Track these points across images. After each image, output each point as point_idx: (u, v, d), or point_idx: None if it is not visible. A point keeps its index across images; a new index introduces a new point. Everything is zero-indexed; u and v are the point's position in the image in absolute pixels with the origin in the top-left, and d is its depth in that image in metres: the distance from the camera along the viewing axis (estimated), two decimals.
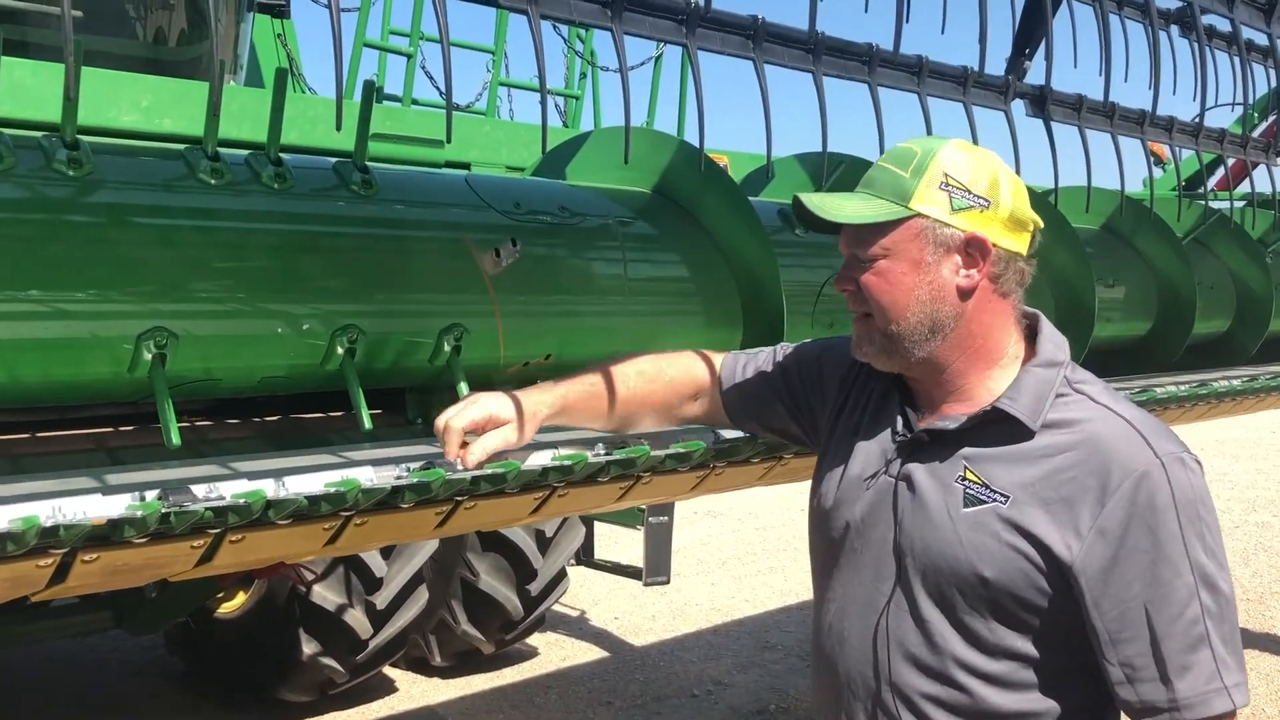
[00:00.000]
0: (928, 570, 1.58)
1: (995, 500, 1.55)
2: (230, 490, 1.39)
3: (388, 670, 5.24)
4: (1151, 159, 3.51)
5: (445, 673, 5.44)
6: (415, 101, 4.94)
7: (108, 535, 1.27)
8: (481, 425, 1.71)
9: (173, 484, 1.39)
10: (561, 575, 5.35)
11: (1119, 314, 3.91)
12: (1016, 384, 1.58)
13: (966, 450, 1.59)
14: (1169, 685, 1.48)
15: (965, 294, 1.58)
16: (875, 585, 1.64)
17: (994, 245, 1.57)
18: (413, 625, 4.94)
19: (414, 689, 5.34)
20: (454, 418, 1.70)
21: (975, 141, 2.63)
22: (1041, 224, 1.66)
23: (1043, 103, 2.72)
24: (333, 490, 1.46)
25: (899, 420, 1.68)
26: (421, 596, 4.90)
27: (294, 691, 4.85)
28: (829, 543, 1.73)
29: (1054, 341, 1.63)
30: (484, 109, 5.40)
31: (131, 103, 2.57)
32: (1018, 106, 2.72)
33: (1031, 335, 1.65)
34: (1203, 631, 1.48)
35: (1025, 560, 1.52)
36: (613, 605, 6.63)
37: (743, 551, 7.98)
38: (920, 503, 1.61)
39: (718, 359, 1.97)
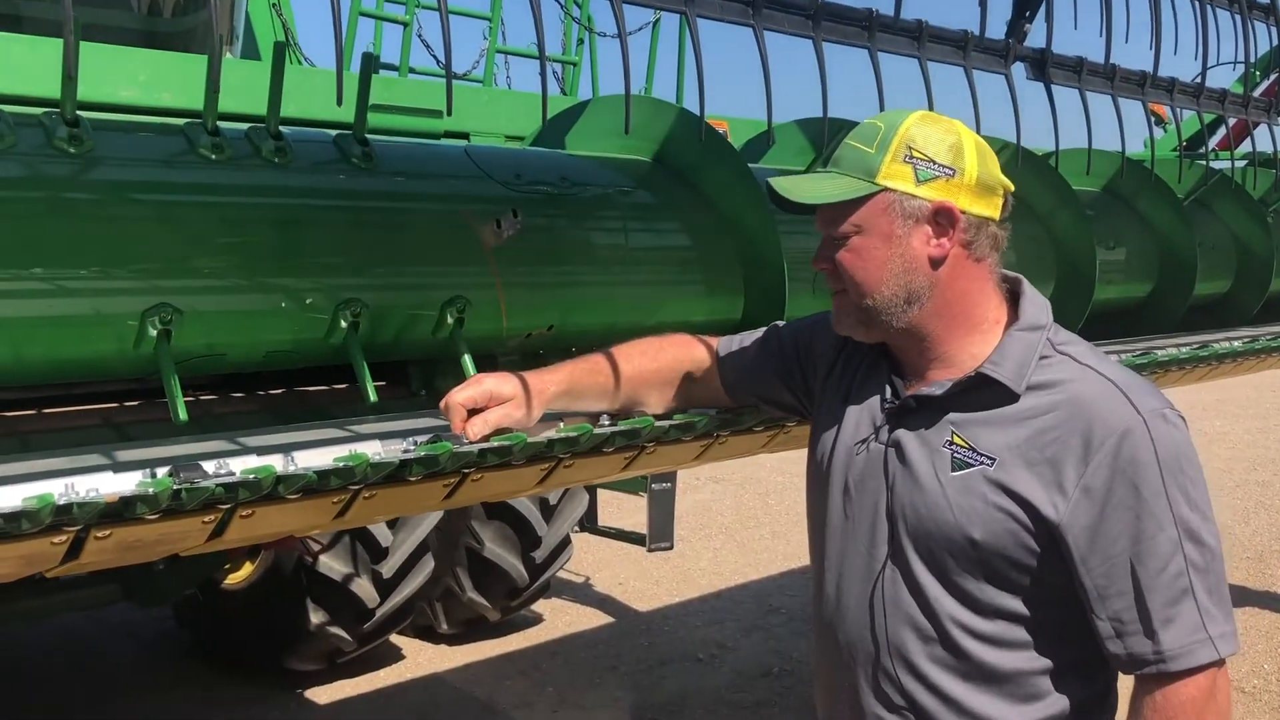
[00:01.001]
0: (919, 535, 1.61)
1: (982, 463, 1.57)
2: (240, 466, 1.41)
3: (395, 638, 5.29)
4: (1152, 119, 3.50)
5: (452, 640, 5.49)
6: (412, 70, 4.92)
7: (120, 512, 1.29)
8: (483, 402, 1.75)
9: (183, 460, 1.40)
10: (566, 542, 5.38)
11: (1120, 276, 3.91)
12: (1000, 348, 1.61)
13: (953, 415, 1.62)
14: (1154, 638, 1.51)
15: (937, 263, 1.60)
16: (870, 551, 1.67)
17: (962, 213, 1.59)
18: (419, 593, 4.98)
19: (421, 656, 5.39)
20: (454, 394, 1.75)
21: (976, 106, 2.64)
22: (1012, 187, 1.67)
23: (1043, 66, 2.71)
24: (341, 465, 1.47)
25: (887, 388, 1.71)
26: (427, 565, 4.93)
27: (302, 661, 4.89)
28: (824, 509, 1.76)
29: (1036, 304, 1.65)
30: (481, 77, 5.37)
31: (130, 77, 2.55)
32: (1018, 70, 2.70)
33: (1014, 299, 1.68)
34: (1187, 585, 1.51)
35: (1013, 521, 1.55)
36: (617, 571, 6.67)
37: (746, 516, 8.03)
38: (910, 468, 1.64)
39: (715, 340, 2.00)
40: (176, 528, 1.37)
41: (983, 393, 1.60)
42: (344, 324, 2.03)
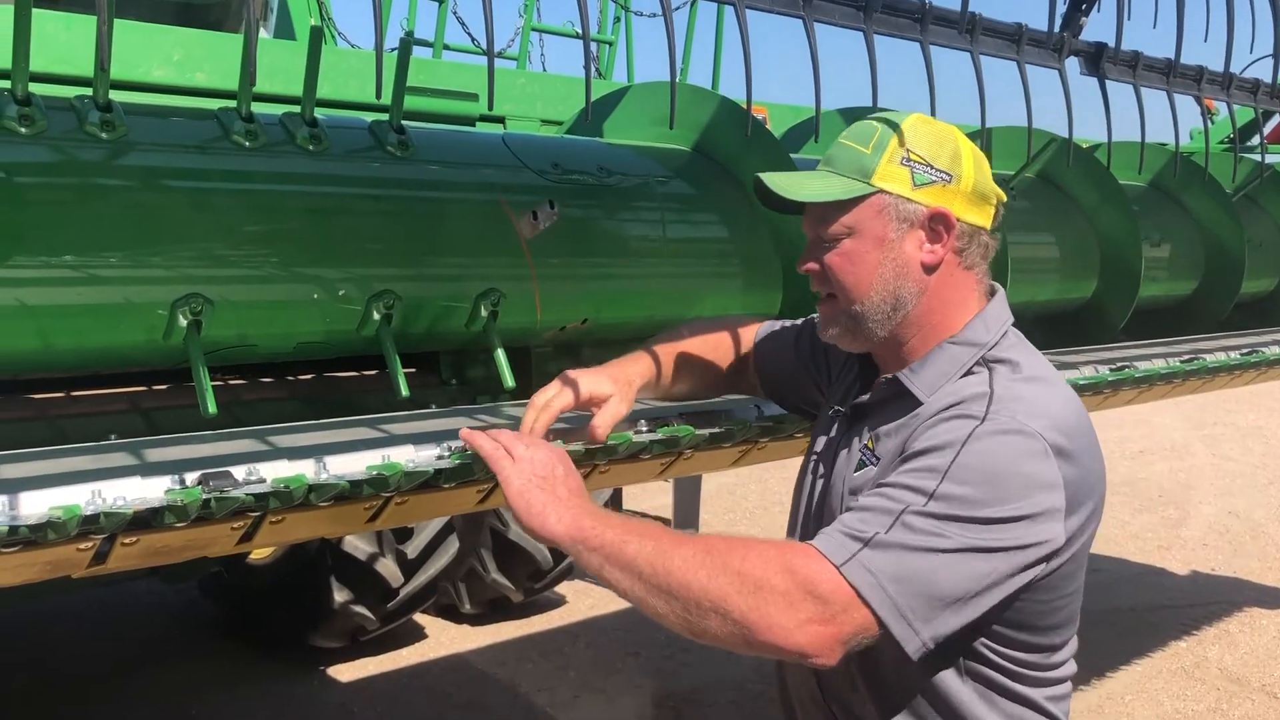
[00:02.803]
0: None
1: (870, 464, 1.56)
2: (271, 474, 1.37)
3: (418, 617, 5.29)
4: (1207, 113, 3.41)
5: (475, 620, 5.48)
6: (446, 47, 4.86)
7: (148, 521, 1.25)
8: (584, 405, 1.70)
9: (212, 467, 1.36)
10: None
11: (1164, 273, 3.83)
12: (924, 358, 1.57)
13: (873, 421, 1.60)
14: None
15: (929, 269, 1.56)
16: None
17: (958, 220, 1.55)
18: (443, 574, 4.97)
19: (444, 636, 5.38)
20: (553, 398, 1.68)
21: (1028, 100, 2.56)
22: (1005, 197, 1.62)
23: (1098, 60, 2.63)
24: (375, 474, 1.43)
25: (852, 395, 1.69)
26: (452, 545, 4.92)
27: (325, 638, 4.90)
28: (791, 519, 1.77)
29: (985, 322, 1.59)
30: (515, 54, 5.31)
31: (163, 56, 2.52)
32: (1071, 65, 2.62)
33: None
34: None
35: None
36: None
37: (769, 501, 7.98)
38: (830, 476, 1.63)
39: (758, 327, 1.96)
40: (205, 534, 1.34)
41: (901, 401, 1.56)
42: (376, 316, 1.99)
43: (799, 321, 1.94)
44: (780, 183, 1.61)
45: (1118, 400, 2.77)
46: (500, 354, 2.13)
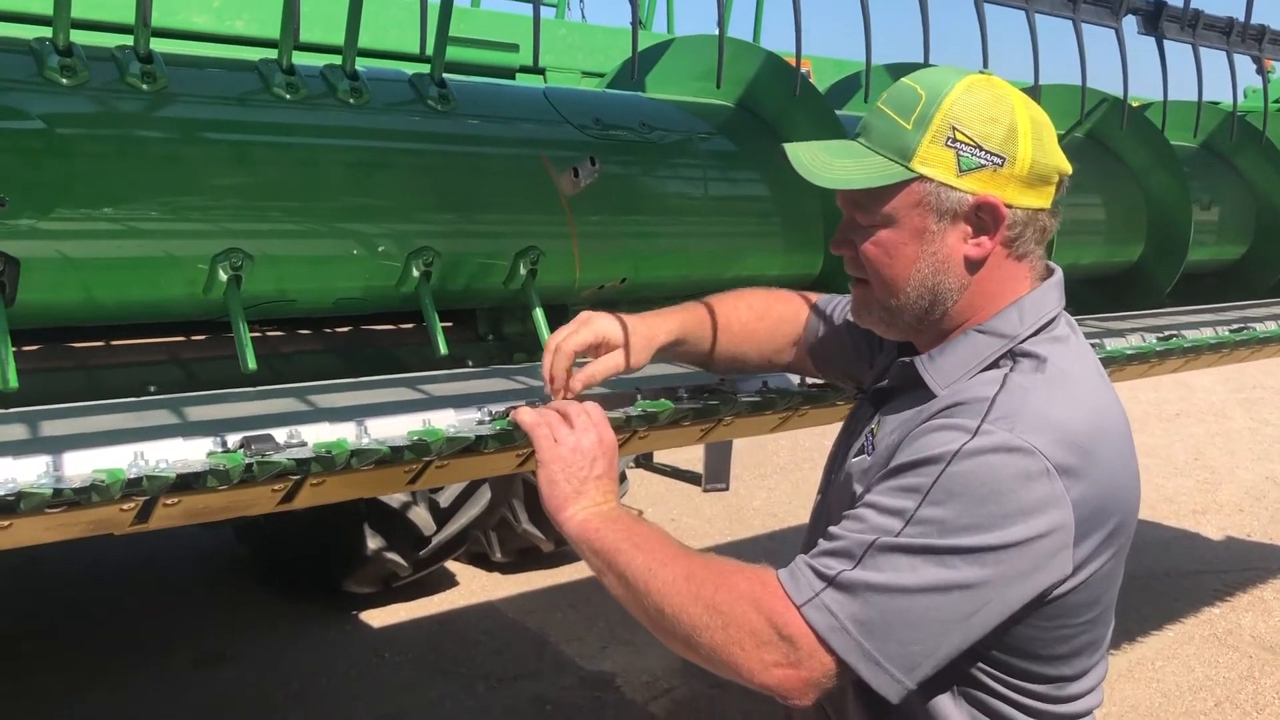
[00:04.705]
0: (822, 527, 1.45)
1: (867, 452, 1.44)
2: (313, 437, 1.36)
3: (449, 565, 5.34)
4: (1266, 73, 3.31)
5: (505, 569, 5.53)
6: None
7: (190, 483, 1.25)
8: (594, 348, 1.61)
9: (253, 428, 1.36)
10: (621, 477, 5.35)
11: (1213, 237, 3.75)
12: (945, 345, 1.43)
13: (886, 407, 1.48)
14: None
15: (974, 264, 1.40)
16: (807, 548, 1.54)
17: (1008, 207, 1.37)
18: (474, 523, 5.01)
19: (474, 584, 5.44)
20: (566, 339, 1.58)
21: (1083, 60, 2.48)
22: (1070, 170, 1.42)
23: (1156, 19, 2.55)
24: (416, 440, 1.43)
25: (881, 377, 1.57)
26: (484, 495, 4.96)
27: (358, 584, 4.96)
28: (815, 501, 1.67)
29: (1021, 310, 1.42)
30: (555, 1, 5.23)
31: (203, 4, 2.49)
32: (1129, 23, 2.55)
33: None
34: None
35: None
36: (670, 507, 6.67)
37: (801, 457, 7.97)
38: (842, 460, 1.53)
39: (810, 302, 1.84)
40: (245, 496, 1.34)
41: (916, 390, 1.43)
42: (416, 273, 1.98)
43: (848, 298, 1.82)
44: (807, 162, 1.44)
45: (1164, 369, 2.72)
46: (539, 312, 2.11)
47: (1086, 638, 1.41)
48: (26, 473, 1.20)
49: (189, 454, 1.27)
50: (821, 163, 1.44)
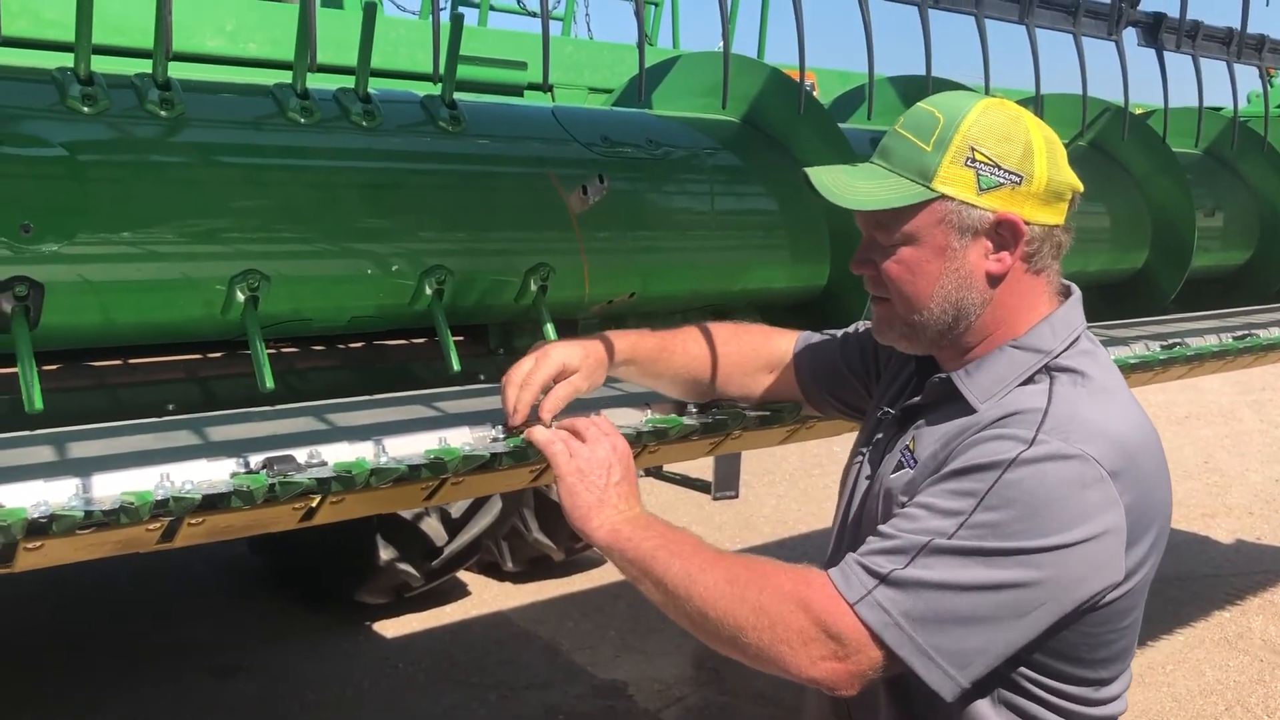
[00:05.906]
0: (858, 543, 1.45)
1: (908, 466, 1.46)
2: (332, 457, 1.40)
3: (461, 575, 5.37)
4: (1268, 78, 3.34)
5: (517, 578, 5.56)
6: (492, 8, 4.84)
7: (214, 503, 1.29)
8: (556, 378, 1.63)
9: (273, 448, 1.40)
10: None
11: (1217, 243, 3.77)
12: (981, 360, 1.47)
13: (920, 422, 1.51)
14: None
15: (995, 280, 1.45)
16: (834, 560, 1.53)
17: (1027, 224, 1.42)
18: (486, 533, 5.04)
19: (486, 593, 5.47)
20: (531, 374, 1.60)
21: (1084, 73, 2.52)
22: (1081, 188, 1.48)
23: (1156, 31, 2.58)
24: (433, 458, 1.46)
25: (905, 395, 1.60)
26: (495, 505, 4.99)
27: (370, 594, 5.00)
28: (834, 520, 1.69)
29: (1053, 326, 1.47)
30: (560, 15, 5.27)
31: (216, 27, 2.54)
32: (1129, 36, 2.58)
33: None
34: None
35: None
36: (680, 515, 6.69)
37: (810, 465, 7.99)
38: (872, 478, 1.55)
39: (794, 334, 1.88)
40: (268, 515, 1.37)
41: (954, 404, 1.46)
42: (429, 291, 2.01)
43: (837, 332, 1.86)
44: (829, 184, 1.49)
45: (1169, 376, 2.75)
46: (550, 328, 2.15)
47: (1124, 643, 1.46)
48: (57, 495, 1.23)
49: (213, 475, 1.31)
50: (844, 185, 1.49)
